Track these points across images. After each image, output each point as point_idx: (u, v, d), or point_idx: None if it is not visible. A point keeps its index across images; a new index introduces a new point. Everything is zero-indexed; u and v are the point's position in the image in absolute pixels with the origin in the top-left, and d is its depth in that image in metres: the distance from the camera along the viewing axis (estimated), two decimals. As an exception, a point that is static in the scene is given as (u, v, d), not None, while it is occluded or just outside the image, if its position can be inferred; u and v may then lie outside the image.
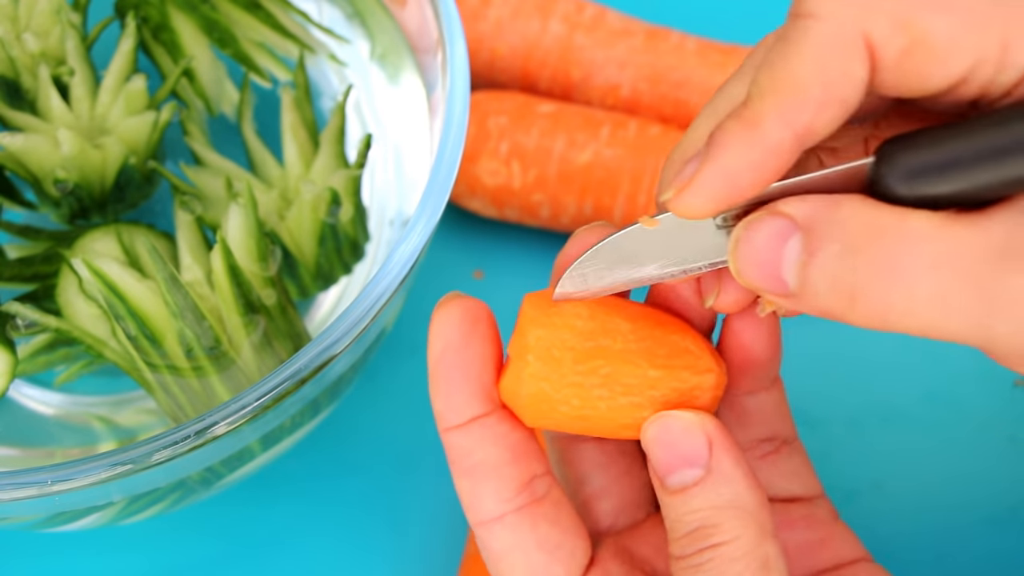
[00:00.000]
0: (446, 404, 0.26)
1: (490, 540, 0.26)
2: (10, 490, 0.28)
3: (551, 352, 0.25)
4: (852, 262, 0.22)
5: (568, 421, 0.26)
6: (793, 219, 0.23)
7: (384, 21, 0.40)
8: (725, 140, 0.23)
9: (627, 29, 0.47)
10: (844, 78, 0.22)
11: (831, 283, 0.23)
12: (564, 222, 0.45)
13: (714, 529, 0.25)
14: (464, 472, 0.26)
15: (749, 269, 0.24)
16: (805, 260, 0.23)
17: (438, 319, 0.26)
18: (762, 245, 0.23)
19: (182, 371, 0.34)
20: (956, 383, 0.44)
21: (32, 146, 0.36)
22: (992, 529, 0.41)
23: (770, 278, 0.24)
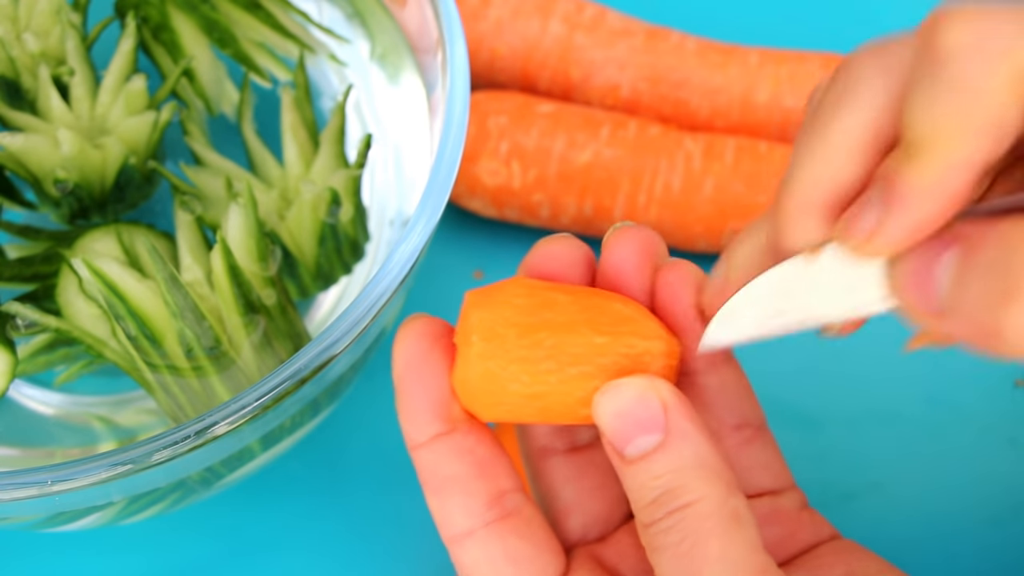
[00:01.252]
0: (410, 422, 0.26)
1: (461, 555, 0.26)
2: (10, 490, 0.28)
3: (494, 330, 0.25)
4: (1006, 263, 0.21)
5: (521, 402, 0.26)
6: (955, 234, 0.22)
7: (384, 21, 0.40)
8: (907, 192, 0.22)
9: (627, 29, 0.47)
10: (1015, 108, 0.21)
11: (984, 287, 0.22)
12: (564, 222, 0.45)
13: (680, 490, 0.24)
14: (434, 490, 0.26)
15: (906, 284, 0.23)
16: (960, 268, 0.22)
17: (398, 339, 0.26)
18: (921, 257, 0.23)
19: (182, 371, 0.34)
20: (956, 384, 0.44)
21: (32, 146, 0.36)
22: (992, 530, 0.41)
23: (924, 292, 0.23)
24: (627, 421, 0.25)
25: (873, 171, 0.24)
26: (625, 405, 0.25)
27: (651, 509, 0.25)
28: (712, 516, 0.24)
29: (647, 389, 0.25)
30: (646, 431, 0.25)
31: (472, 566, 0.26)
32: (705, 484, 0.24)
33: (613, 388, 0.25)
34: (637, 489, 0.25)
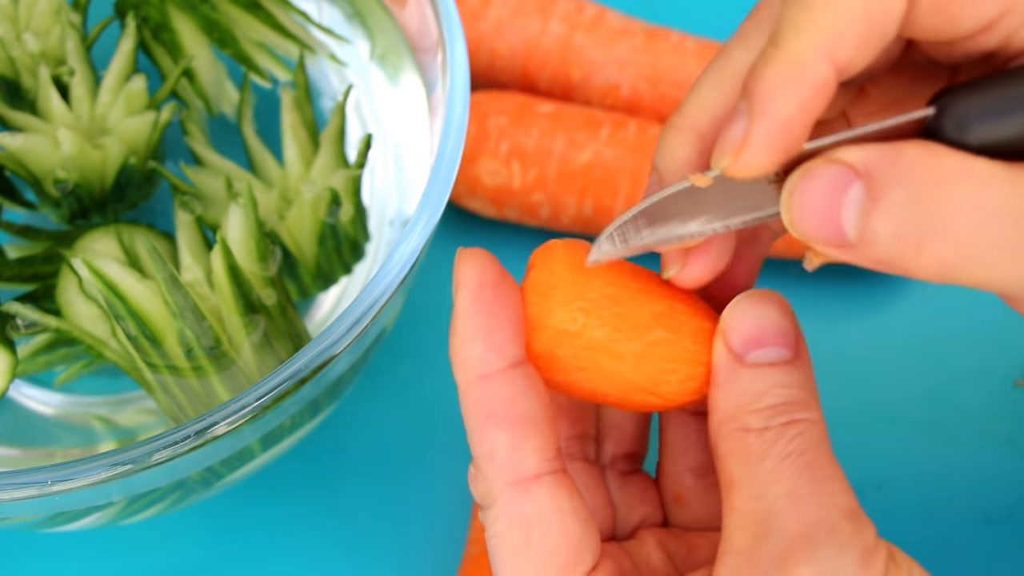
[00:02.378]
0: (490, 343, 0.24)
1: (522, 502, 0.24)
2: (10, 490, 0.28)
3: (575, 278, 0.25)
4: (919, 208, 0.22)
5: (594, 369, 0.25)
6: (853, 166, 0.22)
7: (384, 21, 0.40)
8: (768, 87, 0.22)
9: (627, 29, 0.47)
10: (885, 12, 0.22)
11: (895, 231, 0.22)
12: (564, 222, 0.45)
13: (806, 404, 0.25)
14: (506, 423, 0.24)
15: (805, 219, 0.23)
16: (867, 208, 0.22)
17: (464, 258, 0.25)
18: (820, 194, 0.23)
19: (182, 371, 0.34)
20: (956, 383, 0.44)
21: (32, 146, 0.36)
22: (991, 529, 0.41)
23: (828, 227, 0.23)
24: (767, 328, 0.25)
25: None
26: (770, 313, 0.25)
27: (769, 414, 0.24)
28: (827, 441, 0.24)
29: (789, 310, 0.26)
30: (781, 344, 0.25)
31: (535, 514, 0.24)
32: (820, 411, 0.25)
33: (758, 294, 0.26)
34: (753, 394, 0.25)
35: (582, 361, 0.25)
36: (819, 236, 0.23)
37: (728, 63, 0.26)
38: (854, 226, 0.22)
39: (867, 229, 0.22)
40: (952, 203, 0.22)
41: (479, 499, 0.25)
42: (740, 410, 0.25)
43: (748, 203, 0.25)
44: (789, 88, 0.22)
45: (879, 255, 0.22)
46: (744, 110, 0.22)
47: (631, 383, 0.26)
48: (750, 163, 0.22)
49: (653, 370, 0.26)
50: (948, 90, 0.23)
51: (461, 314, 0.25)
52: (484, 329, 0.24)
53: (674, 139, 0.26)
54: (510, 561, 0.25)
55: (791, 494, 0.24)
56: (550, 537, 0.24)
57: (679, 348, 0.26)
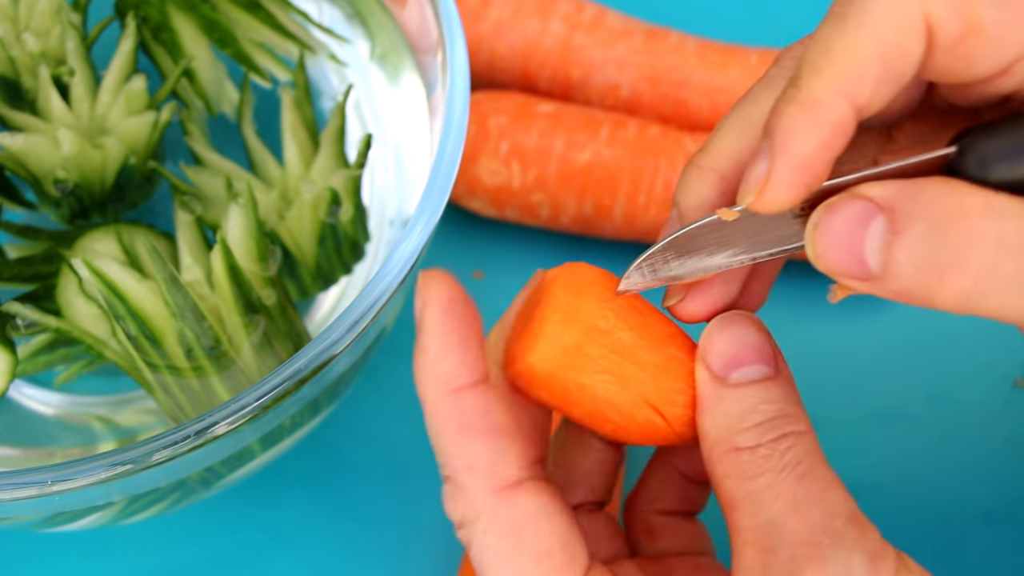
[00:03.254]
0: (461, 358, 0.24)
1: (508, 509, 0.24)
2: (10, 490, 0.28)
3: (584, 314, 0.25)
4: (941, 241, 0.22)
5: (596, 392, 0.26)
6: (875, 200, 0.23)
7: (384, 21, 0.40)
8: (789, 127, 0.23)
9: (627, 29, 0.47)
10: (903, 54, 0.23)
11: (917, 263, 0.23)
12: (564, 222, 0.45)
13: (794, 417, 0.25)
14: (483, 432, 0.24)
15: (829, 253, 0.24)
16: (889, 240, 0.23)
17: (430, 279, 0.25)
18: (843, 227, 0.23)
19: (182, 371, 0.34)
20: (956, 383, 0.44)
21: (32, 146, 0.36)
22: (991, 529, 0.41)
23: (851, 261, 0.23)
24: (745, 347, 0.26)
25: None
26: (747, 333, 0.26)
27: (759, 431, 0.25)
28: (819, 450, 0.25)
29: (764, 328, 0.26)
30: (760, 362, 0.25)
31: (522, 519, 0.24)
32: (808, 422, 0.25)
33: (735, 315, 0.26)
34: (740, 413, 0.25)
35: (606, 362, 0.26)
36: (843, 269, 0.24)
37: (752, 107, 0.26)
38: (877, 259, 0.23)
39: (890, 261, 0.23)
40: (973, 236, 0.22)
41: (459, 517, 0.25)
42: (729, 431, 0.25)
43: (773, 237, 0.25)
44: (808, 127, 0.23)
45: (902, 287, 0.23)
46: (766, 149, 0.23)
47: (643, 396, 0.26)
48: (773, 200, 0.23)
49: (667, 386, 0.26)
50: (969, 130, 0.24)
51: (430, 331, 0.25)
52: (456, 345, 0.24)
53: (696, 178, 0.27)
54: (505, 569, 0.25)
55: (792, 505, 0.24)
56: (542, 539, 0.24)
57: (690, 369, 0.26)
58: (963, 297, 0.23)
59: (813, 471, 0.24)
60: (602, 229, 0.45)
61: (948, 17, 0.22)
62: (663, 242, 0.26)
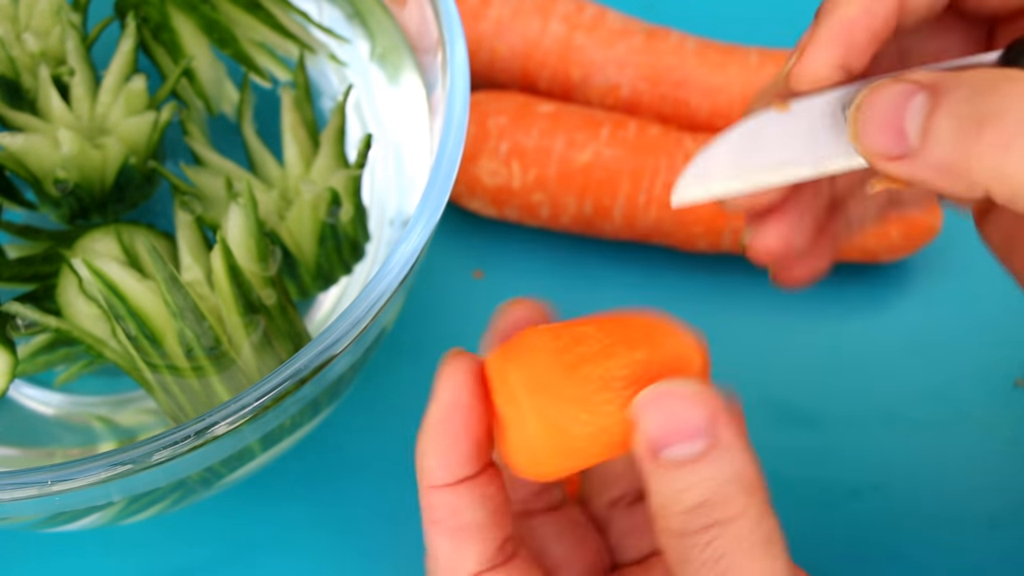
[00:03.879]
0: (442, 462, 0.26)
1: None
2: (10, 490, 0.28)
3: (538, 381, 0.24)
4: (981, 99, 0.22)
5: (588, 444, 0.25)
6: (918, 81, 0.23)
7: (384, 21, 0.40)
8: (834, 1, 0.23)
9: (627, 29, 0.47)
10: None
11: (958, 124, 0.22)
12: (564, 222, 0.45)
13: (722, 502, 0.23)
14: (448, 532, 0.26)
15: (869, 130, 0.23)
16: (931, 110, 0.23)
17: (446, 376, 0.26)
18: (885, 103, 0.23)
19: (182, 371, 0.34)
20: (956, 384, 0.44)
21: (32, 146, 0.36)
22: (992, 530, 0.41)
23: (891, 135, 0.23)
24: (674, 423, 0.24)
25: None
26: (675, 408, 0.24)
27: (686, 518, 0.24)
28: (751, 535, 0.23)
29: (699, 394, 0.24)
30: (692, 437, 0.24)
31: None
32: (745, 498, 0.24)
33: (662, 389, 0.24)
34: (670, 495, 0.24)
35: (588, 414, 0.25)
36: (882, 145, 0.23)
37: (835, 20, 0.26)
38: (917, 128, 0.23)
39: (930, 127, 0.23)
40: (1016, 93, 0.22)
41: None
42: (662, 511, 0.24)
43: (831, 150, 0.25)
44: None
45: (940, 155, 0.23)
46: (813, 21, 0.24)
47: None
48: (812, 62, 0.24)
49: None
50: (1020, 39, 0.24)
51: (426, 427, 0.26)
52: (442, 449, 0.26)
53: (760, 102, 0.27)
54: None
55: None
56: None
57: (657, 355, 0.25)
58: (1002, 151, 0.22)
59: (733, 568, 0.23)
60: (602, 229, 0.45)
61: None
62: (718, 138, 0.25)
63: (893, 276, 0.46)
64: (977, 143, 0.22)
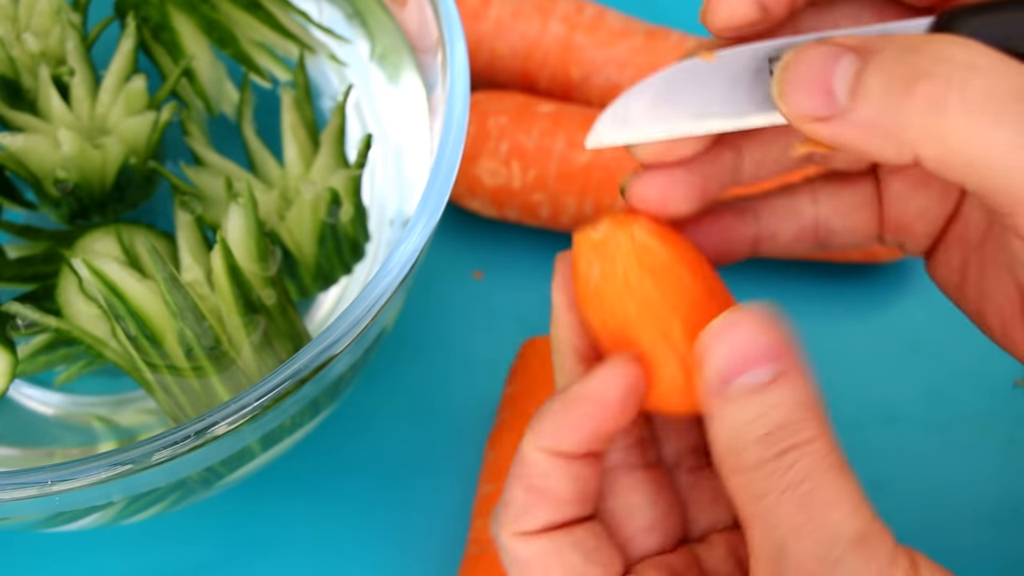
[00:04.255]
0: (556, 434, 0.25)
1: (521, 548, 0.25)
2: (10, 490, 0.28)
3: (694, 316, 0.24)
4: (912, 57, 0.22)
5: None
6: (846, 43, 0.23)
7: (384, 21, 0.40)
8: None
9: (627, 29, 0.47)
10: None
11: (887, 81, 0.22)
12: (564, 222, 0.45)
13: (798, 425, 0.23)
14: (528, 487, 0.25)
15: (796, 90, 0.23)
16: (860, 68, 0.22)
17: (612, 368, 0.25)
18: (813, 63, 0.23)
19: (182, 371, 0.34)
20: (956, 383, 0.44)
21: (32, 146, 0.36)
22: (992, 529, 0.41)
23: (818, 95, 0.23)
24: (744, 351, 0.23)
25: None
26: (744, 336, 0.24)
27: (761, 447, 0.23)
28: (828, 457, 0.23)
29: (766, 321, 0.24)
30: (763, 363, 0.23)
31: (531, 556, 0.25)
32: (818, 423, 0.23)
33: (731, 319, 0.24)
34: (742, 425, 0.23)
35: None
36: (808, 106, 0.23)
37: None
38: (845, 86, 0.22)
39: (858, 85, 0.22)
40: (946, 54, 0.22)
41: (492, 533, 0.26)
42: (732, 447, 0.24)
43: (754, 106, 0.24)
44: None
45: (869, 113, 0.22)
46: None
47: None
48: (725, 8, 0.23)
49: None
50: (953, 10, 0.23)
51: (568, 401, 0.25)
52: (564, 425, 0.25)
53: None
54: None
55: (794, 531, 0.23)
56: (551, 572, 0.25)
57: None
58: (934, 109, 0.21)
59: (817, 489, 0.23)
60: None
61: None
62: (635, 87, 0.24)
63: (893, 276, 0.46)
64: (908, 100, 0.22)
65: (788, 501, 0.23)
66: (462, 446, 0.43)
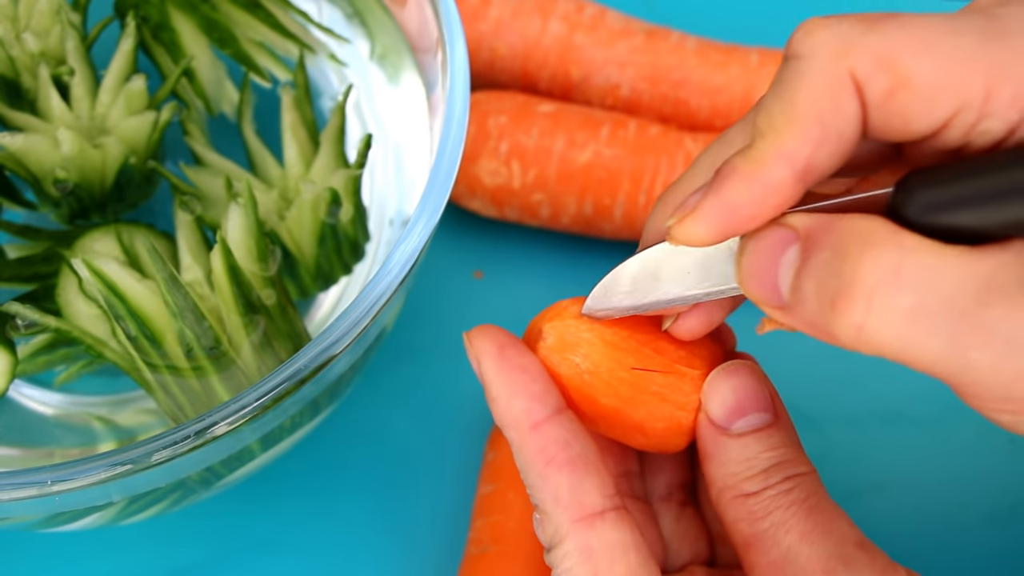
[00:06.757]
0: (530, 396, 0.26)
1: (589, 538, 0.26)
2: (10, 490, 0.28)
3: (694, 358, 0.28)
4: (838, 267, 0.22)
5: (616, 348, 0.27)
6: (795, 229, 0.24)
7: (384, 21, 0.40)
8: (728, 174, 0.23)
9: (627, 29, 0.47)
10: (837, 113, 0.23)
11: (817, 288, 0.23)
12: (564, 222, 0.45)
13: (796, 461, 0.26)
14: (564, 464, 0.26)
15: (751, 278, 0.24)
16: (799, 269, 0.23)
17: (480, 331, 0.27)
18: (763, 254, 0.24)
19: (182, 371, 0.34)
20: (956, 383, 0.44)
21: (32, 146, 0.36)
22: (992, 529, 0.41)
23: (767, 286, 0.24)
24: (746, 397, 0.27)
25: None
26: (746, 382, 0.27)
27: (763, 477, 0.26)
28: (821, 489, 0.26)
29: (763, 375, 0.27)
30: (760, 409, 0.27)
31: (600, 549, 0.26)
32: (809, 463, 0.27)
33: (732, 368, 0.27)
34: (744, 461, 0.26)
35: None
36: (762, 296, 0.24)
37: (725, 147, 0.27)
38: (787, 286, 0.23)
39: (796, 288, 0.23)
40: (870, 267, 0.22)
41: (546, 541, 0.27)
42: (735, 478, 0.26)
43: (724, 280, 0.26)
44: (744, 180, 0.23)
45: (807, 316, 0.23)
46: (704, 186, 0.24)
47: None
48: (689, 230, 0.24)
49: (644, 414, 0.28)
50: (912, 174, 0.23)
51: (493, 379, 0.26)
52: (521, 384, 0.26)
53: (662, 213, 0.28)
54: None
55: (803, 536, 0.26)
56: (616, 569, 0.26)
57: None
58: (855, 330, 0.22)
59: (820, 505, 0.26)
60: (602, 229, 0.45)
61: (873, 72, 0.22)
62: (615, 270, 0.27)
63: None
64: (834, 315, 0.22)
65: (795, 514, 0.26)
66: (462, 446, 0.43)
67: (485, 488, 0.39)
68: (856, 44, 0.22)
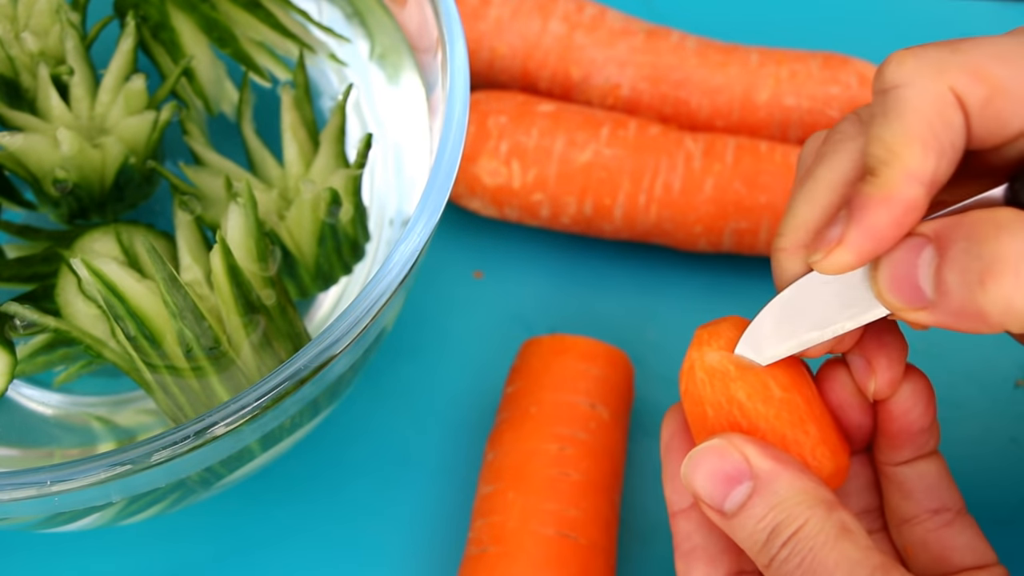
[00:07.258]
0: (672, 488, 0.30)
1: None
2: (10, 490, 0.28)
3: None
4: (978, 251, 0.24)
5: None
6: (924, 234, 0.25)
7: (384, 21, 0.40)
8: (865, 203, 0.25)
9: (627, 29, 0.47)
10: (947, 126, 0.25)
11: (961, 275, 0.24)
12: (564, 222, 0.45)
13: (786, 522, 0.27)
14: (683, 555, 0.30)
15: (891, 288, 0.26)
16: (938, 264, 0.25)
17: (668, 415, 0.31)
18: (900, 261, 0.25)
19: (182, 371, 0.34)
20: (957, 384, 0.44)
21: (32, 146, 0.36)
22: (995, 530, 0.41)
23: (910, 292, 0.25)
24: (717, 479, 0.28)
25: None
26: (710, 465, 0.28)
27: (766, 549, 0.27)
28: (821, 531, 0.27)
29: (724, 445, 0.28)
30: (736, 483, 0.27)
31: None
32: (806, 508, 0.27)
33: (695, 455, 0.28)
34: (748, 538, 0.28)
35: None
36: (904, 301, 0.26)
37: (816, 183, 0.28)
38: (930, 284, 0.25)
39: (939, 282, 0.25)
40: (1008, 242, 0.24)
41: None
42: (751, 551, 0.28)
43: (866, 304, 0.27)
44: (883, 204, 0.25)
45: (954, 305, 0.25)
46: (843, 217, 0.26)
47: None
48: (839, 260, 0.26)
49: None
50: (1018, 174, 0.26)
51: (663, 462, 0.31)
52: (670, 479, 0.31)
53: (786, 259, 0.29)
54: None
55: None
56: None
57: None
58: (1005, 302, 0.24)
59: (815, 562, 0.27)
60: (602, 229, 0.45)
61: (970, 85, 0.25)
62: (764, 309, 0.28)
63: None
64: (984, 298, 0.24)
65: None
66: (462, 446, 0.43)
67: (485, 488, 0.39)
68: (949, 63, 0.25)
